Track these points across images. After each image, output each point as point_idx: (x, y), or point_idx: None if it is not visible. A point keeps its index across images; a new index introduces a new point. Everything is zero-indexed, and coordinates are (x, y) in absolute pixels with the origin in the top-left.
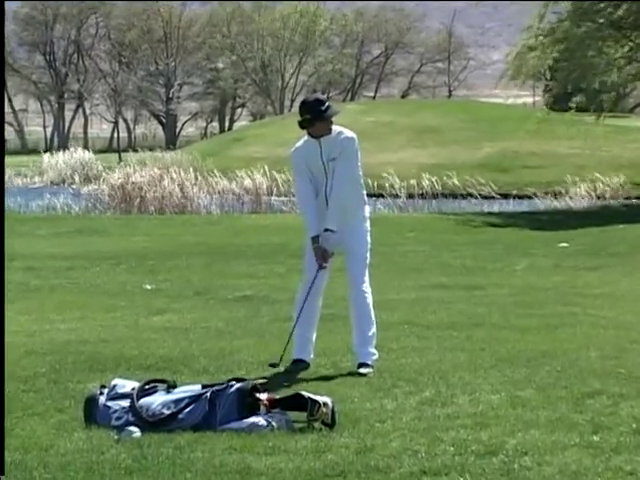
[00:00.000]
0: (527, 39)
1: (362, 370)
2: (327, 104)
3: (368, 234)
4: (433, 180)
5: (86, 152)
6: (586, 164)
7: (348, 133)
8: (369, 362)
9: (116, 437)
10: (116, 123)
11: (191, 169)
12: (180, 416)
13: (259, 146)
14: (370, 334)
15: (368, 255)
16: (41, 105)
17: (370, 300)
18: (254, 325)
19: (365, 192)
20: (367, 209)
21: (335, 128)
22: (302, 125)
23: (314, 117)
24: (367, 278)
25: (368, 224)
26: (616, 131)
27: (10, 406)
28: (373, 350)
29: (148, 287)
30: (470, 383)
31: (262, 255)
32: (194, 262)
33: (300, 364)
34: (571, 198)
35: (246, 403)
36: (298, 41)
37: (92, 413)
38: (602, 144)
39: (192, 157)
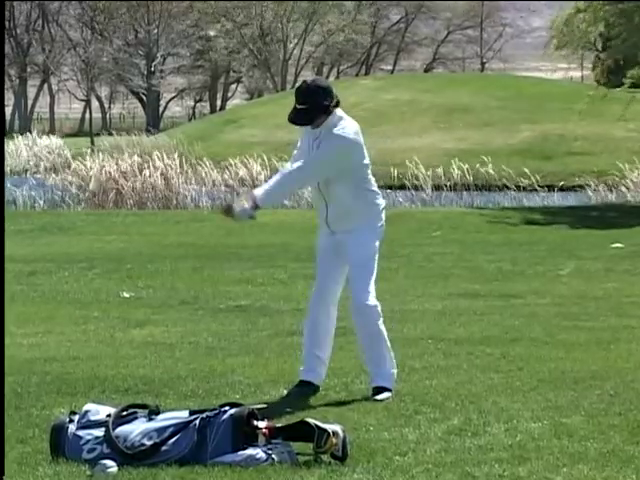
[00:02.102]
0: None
1: (379, 397)
2: (333, 93)
3: (374, 238)
4: (464, 169)
5: (52, 138)
6: None
7: (342, 131)
8: (386, 385)
9: (88, 473)
10: (88, 102)
11: (176, 156)
12: (164, 448)
13: (256, 129)
14: (383, 352)
15: (373, 263)
16: None
17: (377, 316)
18: (251, 340)
19: (374, 191)
20: (375, 210)
21: (337, 116)
22: (316, 115)
23: (312, 106)
24: (372, 289)
25: (378, 227)
26: None
27: None
28: (391, 370)
29: (126, 295)
30: (506, 409)
31: (260, 258)
32: (180, 266)
33: (307, 387)
34: (628, 190)
35: (242, 432)
36: (304, 5)
37: (60, 444)
38: None
39: (178, 142)
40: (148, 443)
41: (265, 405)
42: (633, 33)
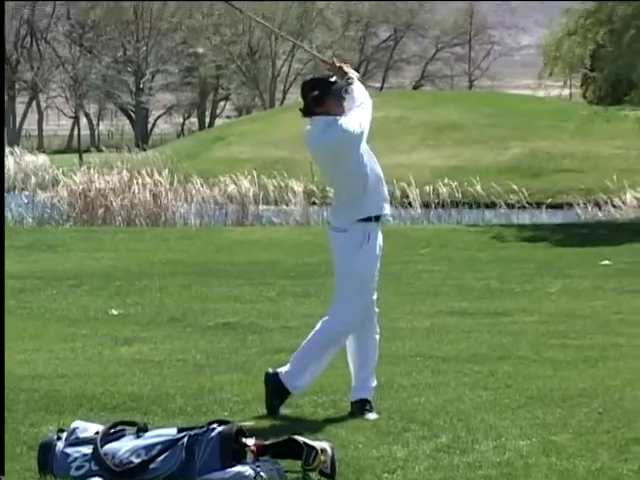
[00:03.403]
0: (566, 22)
1: (369, 416)
2: (336, 79)
3: (356, 257)
4: (452, 186)
5: (39, 155)
6: (634, 167)
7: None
8: (367, 397)
9: None
10: (76, 118)
11: (165, 173)
12: (152, 465)
13: (245, 146)
14: (365, 371)
15: (352, 283)
16: None
17: (333, 339)
18: (239, 358)
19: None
20: (361, 228)
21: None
22: (307, 109)
23: (324, 91)
24: (341, 311)
25: (364, 247)
26: None
27: None
28: (369, 383)
29: (114, 312)
30: (494, 426)
31: (249, 275)
32: (168, 283)
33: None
34: (615, 208)
35: (230, 450)
36: (292, 22)
37: (48, 462)
38: None
39: (166, 158)
40: (136, 461)
41: (253, 422)
42: (623, 53)
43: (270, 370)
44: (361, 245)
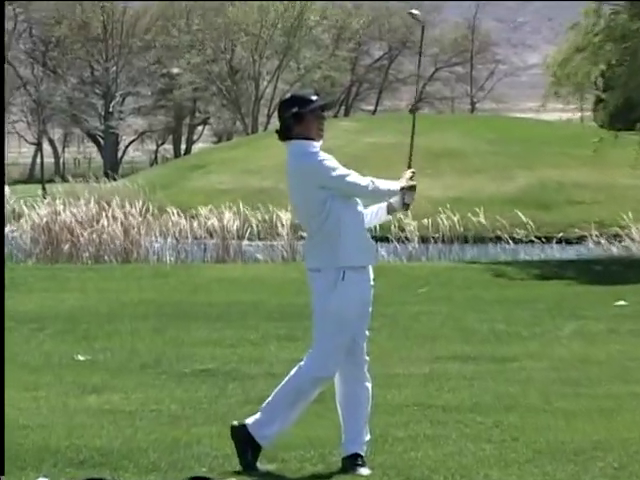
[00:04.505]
0: (574, 38)
1: (362, 472)
2: (317, 98)
3: (332, 298)
4: (453, 219)
5: None
6: None
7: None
8: (359, 451)
9: None
10: (39, 145)
11: (137, 204)
12: None
13: (226, 175)
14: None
15: (328, 325)
16: None
17: (308, 386)
18: (219, 408)
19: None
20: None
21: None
22: (285, 129)
23: (303, 109)
24: (317, 356)
25: (340, 286)
26: None
27: None
28: (361, 436)
29: (81, 358)
30: None
31: (229, 317)
32: (141, 326)
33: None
34: (633, 242)
35: None
36: (278, 39)
37: None
38: None
39: (139, 188)
40: None
41: (234, 479)
42: (636, 72)
43: (236, 423)
44: (336, 284)
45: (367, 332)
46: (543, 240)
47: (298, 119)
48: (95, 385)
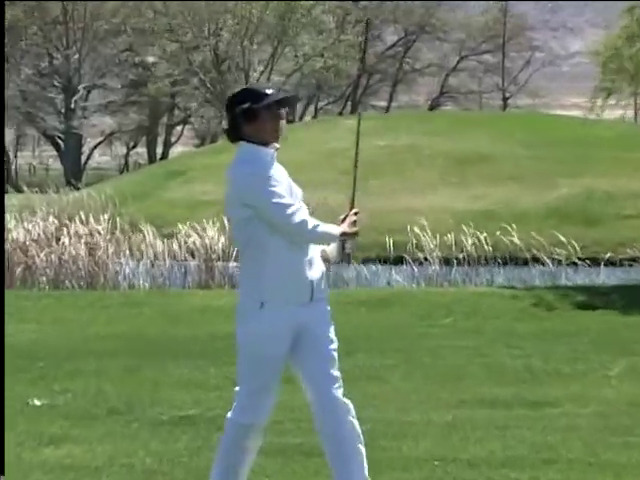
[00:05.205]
0: (629, 23)
1: None
2: (273, 91)
3: (246, 329)
4: (480, 237)
5: None
6: None
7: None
8: None
9: None
10: None
11: (105, 219)
12: None
13: (209, 183)
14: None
15: (242, 361)
16: None
17: (234, 437)
18: (201, 461)
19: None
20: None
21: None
22: (234, 128)
23: (257, 104)
24: (238, 398)
25: (256, 315)
26: None
27: None
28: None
29: (37, 403)
30: None
31: (214, 354)
32: (109, 364)
33: None
34: None
35: None
36: (272, 21)
37: None
38: None
39: (106, 200)
40: None
41: None
42: None
43: None
44: (251, 313)
45: (334, 360)
46: (588, 262)
47: (250, 117)
48: (54, 435)
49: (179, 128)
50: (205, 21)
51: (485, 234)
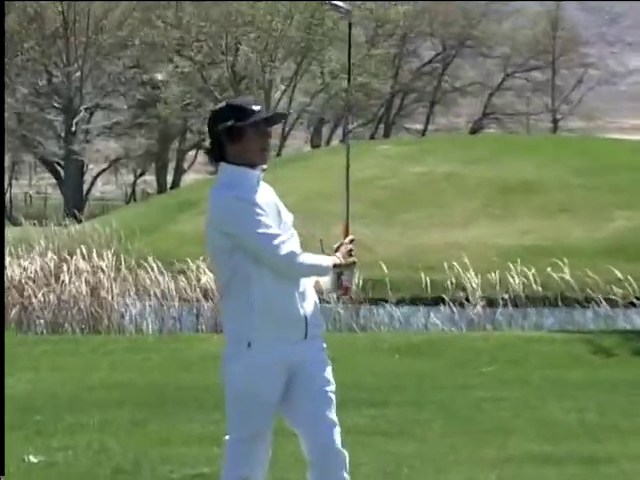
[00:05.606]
0: None
1: None
2: (261, 107)
3: (232, 370)
4: (528, 274)
5: None
6: None
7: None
8: None
9: None
10: None
11: (109, 255)
12: None
13: None
14: None
15: (230, 410)
16: None
17: None
18: None
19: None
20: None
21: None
22: (217, 148)
23: (241, 121)
24: (226, 450)
25: (243, 356)
26: None
27: None
28: None
29: (33, 460)
30: None
31: None
32: (113, 417)
33: None
34: None
35: None
36: (295, 35)
37: None
38: None
39: (111, 234)
40: None
41: None
42: None
43: None
44: (239, 354)
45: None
46: None
47: (234, 135)
48: None
49: (192, 154)
50: (222, 34)
51: (533, 272)
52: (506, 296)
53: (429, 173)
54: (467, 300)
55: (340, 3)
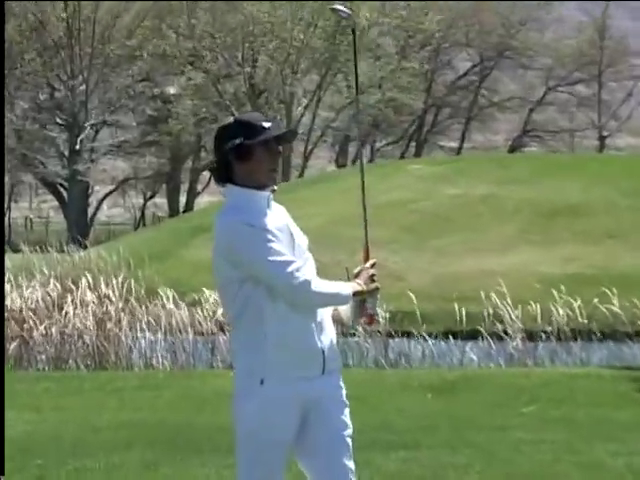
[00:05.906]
0: None
1: None
2: (271, 125)
3: (244, 408)
4: (573, 305)
5: None
6: None
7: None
8: None
9: None
10: None
11: (117, 284)
12: None
13: None
14: None
15: (240, 448)
16: None
17: None
18: None
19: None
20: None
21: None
22: (223, 167)
23: (250, 140)
24: None
25: (256, 393)
26: None
27: None
28: None
29: None
30: None
31: None
32: (121, 460)
33: None
34: None
35: None
36: (319, 45)
37: None
38: None
39: (119, 261)
40: None
41: None
42: None
43: None
44: (251, 392)
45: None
46: None
47: (243, 154)
48: None
49: (206, 174)
50: (239, 44)
51: (579, 303)
52: (548, 329)
53: (464, 195)
54: (505, 333)
55: (340, 7)
